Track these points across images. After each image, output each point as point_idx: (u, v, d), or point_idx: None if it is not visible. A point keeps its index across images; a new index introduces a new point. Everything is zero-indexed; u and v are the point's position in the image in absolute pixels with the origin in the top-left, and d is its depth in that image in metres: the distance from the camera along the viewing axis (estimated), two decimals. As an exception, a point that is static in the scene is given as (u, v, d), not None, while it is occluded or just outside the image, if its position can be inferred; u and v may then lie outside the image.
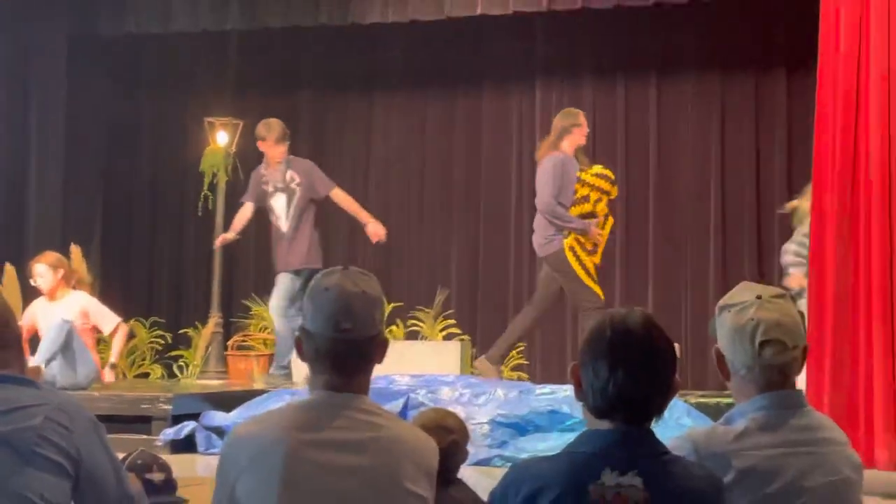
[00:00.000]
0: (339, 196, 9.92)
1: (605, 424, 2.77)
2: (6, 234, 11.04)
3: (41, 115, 11.32)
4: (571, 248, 9.00)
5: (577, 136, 9.15)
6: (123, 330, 9.40)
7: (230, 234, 10.28)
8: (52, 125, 11.36)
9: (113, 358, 9.33)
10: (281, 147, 9.84)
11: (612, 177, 9.39)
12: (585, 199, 9.13)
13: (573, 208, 9.06)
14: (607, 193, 9.26)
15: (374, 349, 3.10)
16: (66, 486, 3.15)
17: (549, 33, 11.56)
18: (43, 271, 9.24)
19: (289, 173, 9.82)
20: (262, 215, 10.04)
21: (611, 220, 9.36)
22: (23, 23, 11.17)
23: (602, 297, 9.03)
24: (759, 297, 3.19)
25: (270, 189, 9.87)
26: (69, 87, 11.44)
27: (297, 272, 9.72)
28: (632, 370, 2.74)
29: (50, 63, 11.36)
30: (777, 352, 3.13)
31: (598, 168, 9.32)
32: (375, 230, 9.84)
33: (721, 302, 3.27)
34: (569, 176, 9.03)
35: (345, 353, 3.05)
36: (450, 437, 3.93)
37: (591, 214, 9.11)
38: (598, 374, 2.75)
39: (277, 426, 3.01)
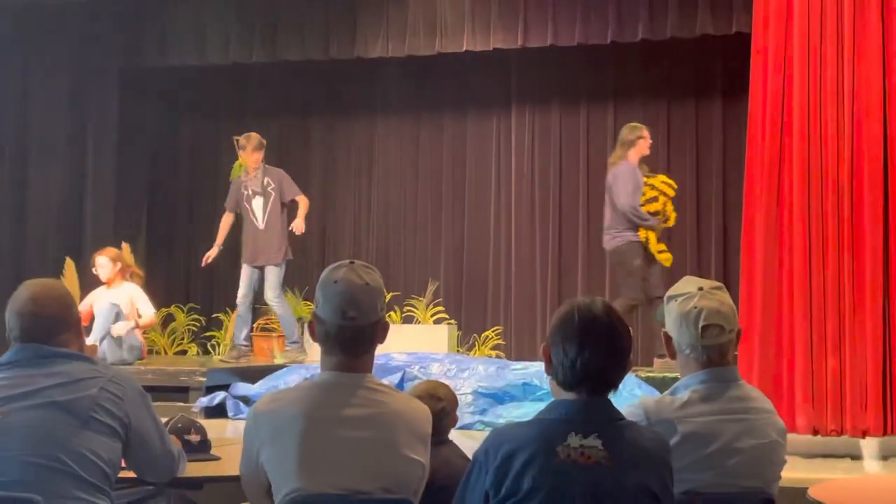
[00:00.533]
0: (301, 199, 9.73)
1: (570, 395, 2.77)
2: (68, 234, 11.03)
3: (97, 134, 11.31)
4: (650, 241, 8.85)
5: (642, 147, 9.00)
6: (154, 319, 9.50)
7: (214, 251, 9.93)
8: (106, 142, 11.34)
9: (139, 320, 9.25)
10: (257, 154, 9.71)
11: (675, 185, 9.24)
12: (655, 199, 8.99)
13: (645, 206, 8.91)
14: (671, 197, 9.12)
15: (377, 332, 3.07)
16: (118, 446, 3.15)
17: (523, 67, 11.52)
18: (104, 263, 9.22)
19: (265, 179, 9.72)
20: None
21: (674, 215, 9.17)
22: (82, 58, 11.19)
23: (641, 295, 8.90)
24: (700, 289, 3.19)
25: (249, 192, 9.72)
26: (120, 111, 11.40)
27: (279, 264, 9.65)
28: (596, 351, 2.74)
29: (104, 91, 11.34)
30: (716, 334, 3.13)
31: (663, 176, 9.20)
32: (296, 224, 9.61)
33: (668, 293, 3.27)
34: (639, 180, 8.91)
35: (351, 337, 3.02)
36: (440, 405, 3.92)
37: (660, 213, 8.99)
38: (567, 354, 2.74)
39: (294, 404, 2.97)
